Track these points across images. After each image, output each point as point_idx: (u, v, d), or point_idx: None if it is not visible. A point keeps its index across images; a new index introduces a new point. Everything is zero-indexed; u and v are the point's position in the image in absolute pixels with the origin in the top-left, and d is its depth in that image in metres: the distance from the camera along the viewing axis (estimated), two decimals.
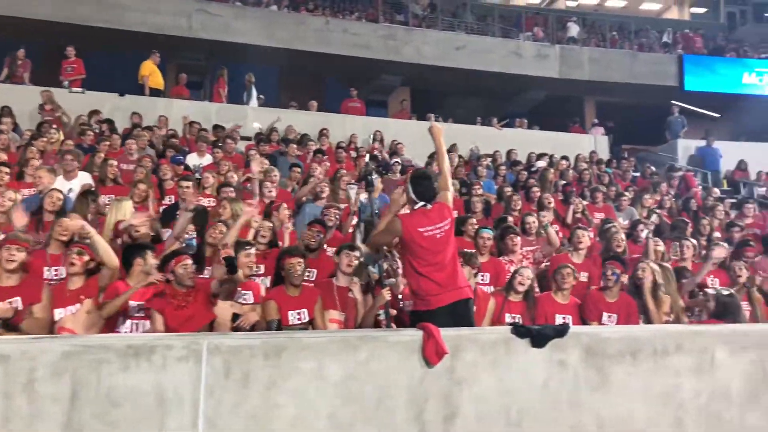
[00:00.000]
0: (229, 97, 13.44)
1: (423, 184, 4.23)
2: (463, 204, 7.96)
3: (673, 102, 16.60)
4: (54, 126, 9.29)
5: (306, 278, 5.25)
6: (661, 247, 6.36)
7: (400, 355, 3.70)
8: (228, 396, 3.40)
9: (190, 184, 6.84)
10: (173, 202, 7.05)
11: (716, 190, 10.33)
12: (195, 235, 5.28)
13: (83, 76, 12.04)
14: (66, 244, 4.86)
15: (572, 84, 19.04)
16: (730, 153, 14.05)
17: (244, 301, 4.70)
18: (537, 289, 5.68)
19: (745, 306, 5.19)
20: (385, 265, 4.62)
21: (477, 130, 14.72)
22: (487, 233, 5.91)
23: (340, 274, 4.88)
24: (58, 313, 4.31)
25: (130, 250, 4.66)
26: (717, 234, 7.69)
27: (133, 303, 4.30)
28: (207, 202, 7.03)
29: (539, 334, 3.85)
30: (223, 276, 4.34)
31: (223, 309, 4.50)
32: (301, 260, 4.75)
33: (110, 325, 4.25)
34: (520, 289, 5.08)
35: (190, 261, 4.46)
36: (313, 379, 3.53)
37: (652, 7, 29.05)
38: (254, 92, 13.43)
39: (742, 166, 13.48)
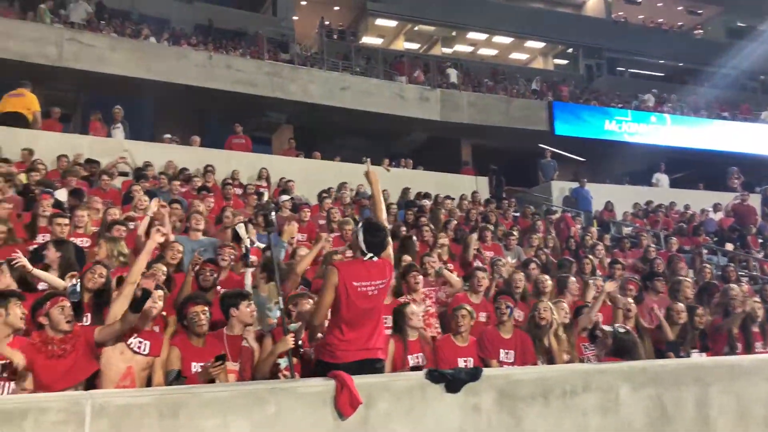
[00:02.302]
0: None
1: (378, 235, 3.98)
2: None
3: (542, 146, 17.63)
4: None
5: None
6: (550, 286, 6.53)
7: (312, 407, 3.46)
8: None
9: (67, 221, 6.23)
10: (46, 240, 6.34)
11: (593, 229, 10.95)
12: (78, 282, 4.73)
13: None
14: None
15: (452, 126, 19.76)
16: (596, 194, 15.03)
17: (138, 350, 4.12)
18: (439, 330, 5.63)
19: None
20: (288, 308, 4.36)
21: (363, 169, 14.73)
22: None
23: (234, 322, 4.50)
24: None
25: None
26: (598, 272, 8.08)
27: None
28: (80, 241, 6.40)
29: (454, 379, 3.74)
30: (126, 313, 3.89)
31: (111, 357, 4.02)
32: (206, 308, 4.39)
33: None
34: (417, 325, 4.99)
35: (67, 304, 3.99)
36: None
37: (521, 57, 31.12)
38: (125, 127, 12.66)
39: (609, 206, 14.46)
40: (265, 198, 8.90)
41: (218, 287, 5.49)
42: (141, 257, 4.50)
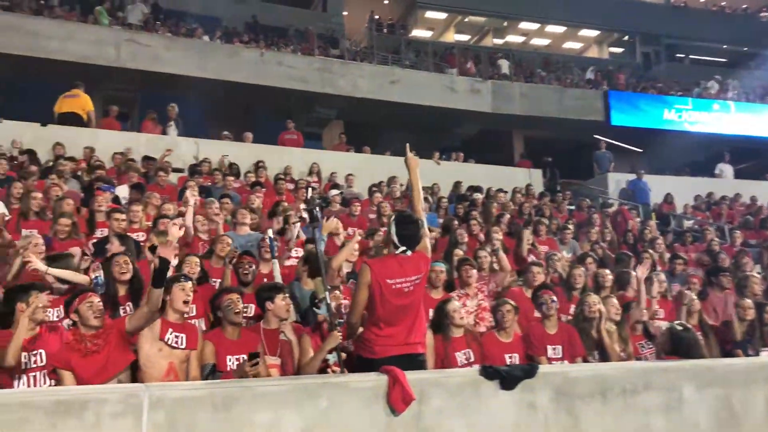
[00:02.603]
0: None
1: (409, 228, 3.88)
2: None
3: (597, 137, 17.16)
4: None
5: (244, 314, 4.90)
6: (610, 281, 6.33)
7: (363, 402, 3.44)
8: None
9: (124, 216, 6.40)
10: (105, 235, 6.53)
11: (652, 223, 10.58)
12: (103, 274, 4.82)
13: None
14: None
15: (504, 118, 19.45)
16: (654, 186, 14.56)
17: (175, 344, 4.07)
18: (493, 324, 5.52)
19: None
20: (333, 304, 4.32)
21: None
22: (440, 267, 5.72)
23: (270, 316, 4.47)
24: None
25: (10, 295, 4.07)
26: (658, 267, 7.79)
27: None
28: (135, 236, 6.55)
29: (509, 376, 3.66)
30: (150, 290, 3.80)
31: (151, 356, 3.99)
32: (240, 296, 4.38)
33: (6, 382, 3.76)
34: (461, 323, 4.85)
35: (96, 299, 4.00)
36: None
37: (574, 46, 30.39)
38: (179, 124, 12.94)
39: (668, 199, 13.96)
40: (310, 193, 8.92)
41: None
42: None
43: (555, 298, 5.19)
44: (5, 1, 16.04)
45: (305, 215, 6.83)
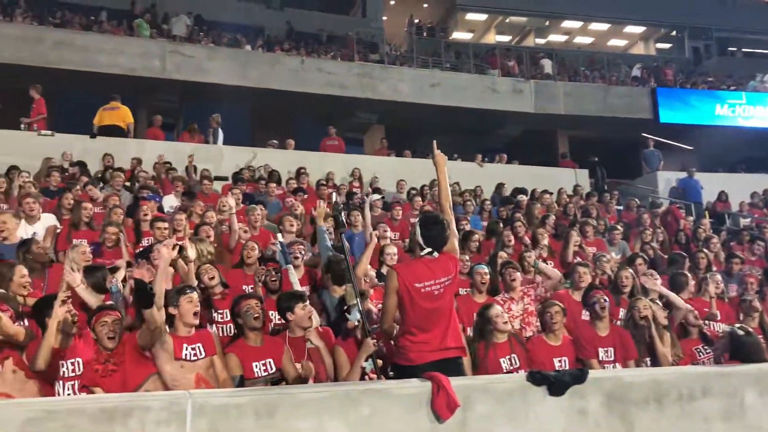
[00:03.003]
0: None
1: (434, 229, 3.77)
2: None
3: (645, 135, 16.69)
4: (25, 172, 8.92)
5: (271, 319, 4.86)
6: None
7: (406, 409, 3.36)
8: None
9: (166, 224, 6.48)
10: (150, 243, 6.64)
11: (706, 221, 10.20)
12: (117, 281, 4.85)
13: (44, 115, 11.62)
14: None
15: (548, 118, 19.13)
16: (706, 184, 14.07)
17: (195, 357, 4.02)
18: (539, 328, 5.37)
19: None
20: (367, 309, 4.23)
21: (456, 165, 14.57)
22: (483, 269, 5.61)
23: (293, 326, 4.35)
24: None
25: (39, 306, 4.09)
26: (713, 267, 7.48)
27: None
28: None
29: (557, 381, 3.53)
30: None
31: (176, 375, 3.92)
32: (258, 301, 4.33)
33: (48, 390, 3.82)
34: (504, 328, 4.67)
35: (111, 318, 3.96)
36: None
37: (619, 43, 29.73)
38: (221, 134, 13.14)
39: (722, 197, 13.46)
40: (334, 198, 8.93)
41: None
42: (158, 274, 4.08)
43: (607, 298, 5.02)
44: (57, 19, 16.62)
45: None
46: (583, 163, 15.39)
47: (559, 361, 4.65)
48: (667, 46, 29.48)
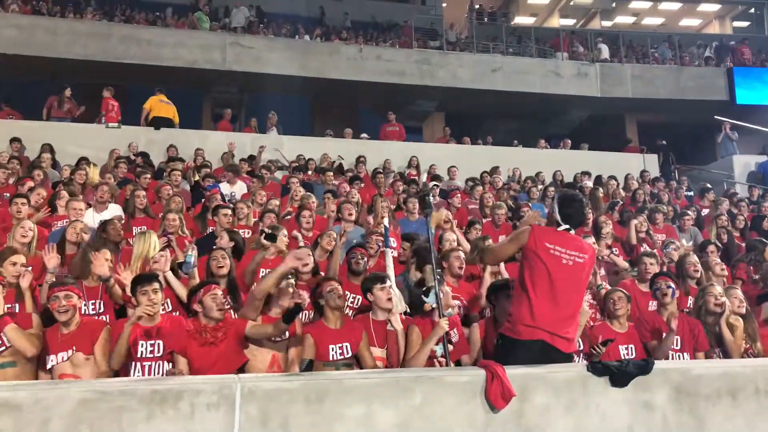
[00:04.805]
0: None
1: (573, 206, 3.73)
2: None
3: (720, 118, 15.81)
4: (93, 164, 9.25)
5: (351, 304, 4.90)
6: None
7: (459, 398, 3.25)
8: None
9: (230, 212, 6.58)
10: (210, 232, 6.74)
11: None
12: (194, 253, 4.92)
13: (119, 118, 12.08)
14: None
15: (614, 102, 18.45)
16: None
17: (278, 339, 4.10)
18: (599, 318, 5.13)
19: None
20: (441, 293, 4.12)
21: (517, 151, 14.25)
22: None
23: (376, 308, 4.38)
24: (51, 360, 3.89)
25: (135, 282, 4.20)
26: None
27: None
28: (242, 233, 6.68)
29: (620, 372, 3.33)
30: (279, 322, 3.87)
31: (254, 349, 4.03)
32: (339, 284, 4.38)
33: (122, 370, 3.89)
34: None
35: (219, 291, 4.08)
36: (361, 427, 3.10)
37: (692, 23, 28.37)
38: (274, 130, 13.25)
39: None
40: (424, 178, 8.85)
41: None
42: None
43: (672, 284, 4.74)
44: (123, 15, 17.14)
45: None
46: (652, 148, 14.77)
47: (626, 349, 4.45)
48: (745, 24, 27.91)
